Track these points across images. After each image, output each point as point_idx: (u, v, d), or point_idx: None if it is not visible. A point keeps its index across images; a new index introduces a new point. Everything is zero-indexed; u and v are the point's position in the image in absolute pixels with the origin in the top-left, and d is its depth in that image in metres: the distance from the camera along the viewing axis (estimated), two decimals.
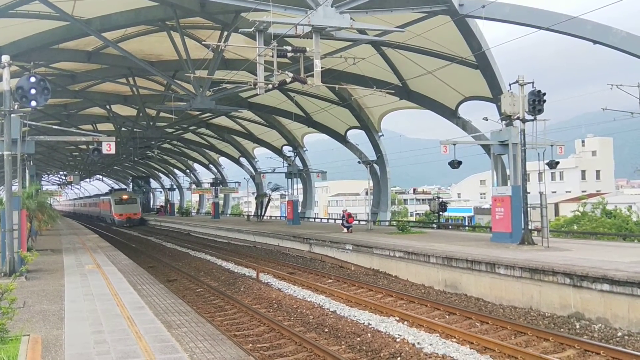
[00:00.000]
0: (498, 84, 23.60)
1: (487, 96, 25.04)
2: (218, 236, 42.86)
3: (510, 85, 20.11)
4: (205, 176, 75.52)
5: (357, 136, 39.60)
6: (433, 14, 20.72)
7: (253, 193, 59.84)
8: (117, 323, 11.67)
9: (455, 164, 21.97)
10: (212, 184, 61.56)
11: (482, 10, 18.99)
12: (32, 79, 15.16)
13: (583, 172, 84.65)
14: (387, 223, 38.14)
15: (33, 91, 15.13)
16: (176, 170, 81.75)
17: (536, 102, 19.32)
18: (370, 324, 14.06)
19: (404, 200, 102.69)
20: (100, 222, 76.85)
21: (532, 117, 19.67)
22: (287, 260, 27.49)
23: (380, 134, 37.02)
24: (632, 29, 18.40)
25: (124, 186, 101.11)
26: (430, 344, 12.08)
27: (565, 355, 11.18)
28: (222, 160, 64.60)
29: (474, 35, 21.78)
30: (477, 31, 21.69)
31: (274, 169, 44.91)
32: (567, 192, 75.49)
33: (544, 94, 19.41)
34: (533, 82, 19.65)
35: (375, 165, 38.05)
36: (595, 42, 18.43)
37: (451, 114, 28.99)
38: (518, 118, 19.88)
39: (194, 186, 72.87)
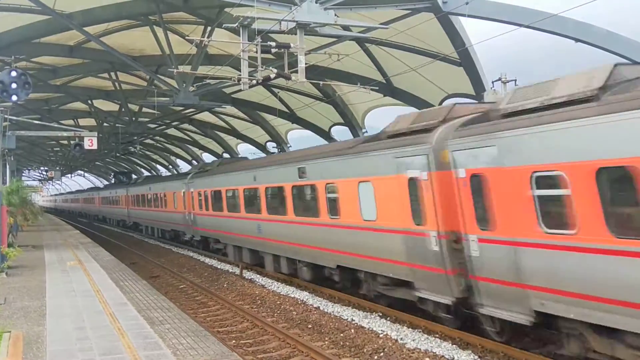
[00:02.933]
0: (481, 81, 23.73)
1: (470, 93, 25.16)
2: None
3: (493, 82, 20.21)
4: None
5: (341, 132, 39.64)
6: (417, 11, 20.75)
7: None
8: (100, 319, 11.63)
9: None
10: None
11: (465, 7, 19.05)
12: (13, 74, 15.06)
13: None
14: None
15: (14, 86, 15.05)
16: (158, 166, 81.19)
17: None
18: (354, 320, 14.12)
19: None
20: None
21: None
22: None
23: (364, 130, 37.03)
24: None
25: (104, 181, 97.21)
26: (413, 340, 12.17)
27: (546, 351, 11.30)
28: (205, 156, 64.27)
29: (457, 33, 21.88)
30: (460, 28, 21.79)
31: None
32: None
33: None
34: (515, 80, 19.73)
35: None
36: (576, 40, 18.57)
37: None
38: None
39: None
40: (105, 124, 46.70)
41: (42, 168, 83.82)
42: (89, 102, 41.15)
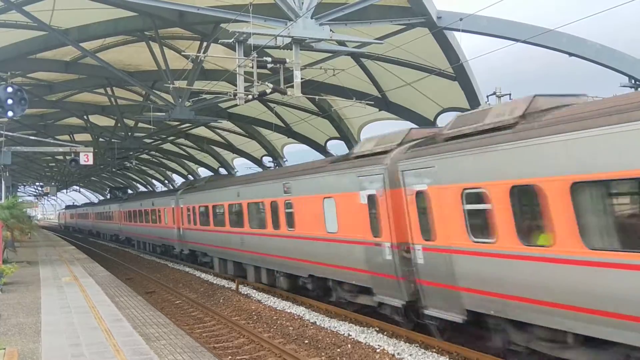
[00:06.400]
0: (476, 95, 23.82)
1: (465, 107, 25.22)
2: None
3: (487, 97, 20.26)
4: None
5: (337, 147, 39.68)
6: (411, 26, 20.89)
7: None
8: (95, 336, 11.56)
9: None
10: None
11: (459, 23, 19.18)
12: (9, 89, 15.06)
13: None
14: None
15: (10, 101, 15.04)
16: (154, 181, 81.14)
17: None
18: (351, 335, 14.07)
19: None
20: None
21: None
22: None
23: None
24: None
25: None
26: (410, 355, 12.12)
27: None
28: (201, 171, 64.26)
29: (452, 48, 21.98)
30: (455, 43, 21.89)
31: None
32: None
33: None
34: (510, 94, 19.78)
35: None
36: (570, 54, 18.69)
37: (430, 125, 29.16)
38: None
39: None
40: (101, 139, 46.71)
41: (37, 183, 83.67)
42: (85, 117, 41.15)
